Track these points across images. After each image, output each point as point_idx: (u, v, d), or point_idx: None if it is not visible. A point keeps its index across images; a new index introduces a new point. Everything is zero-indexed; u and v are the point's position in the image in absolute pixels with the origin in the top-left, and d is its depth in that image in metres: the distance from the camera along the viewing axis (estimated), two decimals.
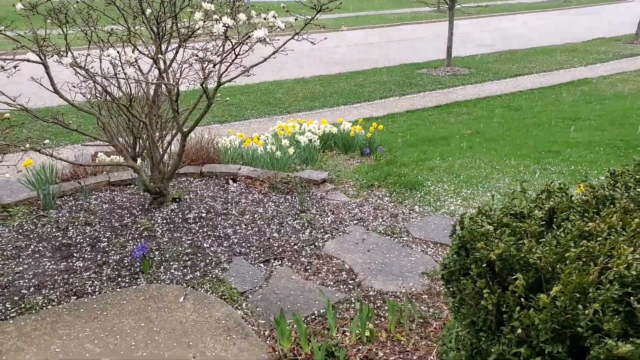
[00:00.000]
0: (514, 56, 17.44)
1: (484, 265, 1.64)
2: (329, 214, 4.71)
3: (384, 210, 4.81)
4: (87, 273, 3.79)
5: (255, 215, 4.69)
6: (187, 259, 3.96)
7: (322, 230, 4.38)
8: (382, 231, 4.37)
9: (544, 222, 1.82)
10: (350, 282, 3.64)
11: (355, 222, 4.56)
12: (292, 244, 4.17)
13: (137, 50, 4.29)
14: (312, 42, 4.17)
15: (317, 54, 16.65)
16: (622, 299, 1.49)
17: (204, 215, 4.70)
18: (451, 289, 1.78)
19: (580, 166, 5.97)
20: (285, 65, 14.84)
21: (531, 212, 1.80)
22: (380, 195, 5.17)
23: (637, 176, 2.09)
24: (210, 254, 4.03)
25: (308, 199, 5.02)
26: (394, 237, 4.27)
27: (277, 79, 14.13)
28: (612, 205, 1.90)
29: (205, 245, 4.17)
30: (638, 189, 1.99)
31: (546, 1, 37.64)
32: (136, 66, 4.47)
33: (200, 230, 4.41)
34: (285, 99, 12.18)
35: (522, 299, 1.57)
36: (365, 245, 4.12)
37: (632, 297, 1.47)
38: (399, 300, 3.40)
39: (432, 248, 4.10)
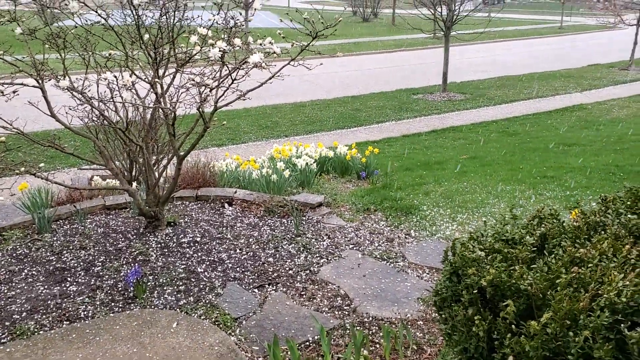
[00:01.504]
0: (509, 82, 17.61)
1: (475, 292, 1.64)
2: (325, 238, 4.70)
3: (380, 234, 4.81)
4: (81, 297, 3.77)
5: (251, 240, 4.68)
6: (181, 284, 3.94)
7: (317, 255, 4.37)
8: (378, 256, 4.36)
9: (535, 248, 1.82)
10: (345, 307, 3.62)
11: (351, 246, 4.55)
12: (287, 268, 4.16)
13: (135, 74, 4.33)
14: (307, 68, 4.22)
15: (315, 79, 16.79)
16: (612, 326, 1.49)
17: (198, 239, 4.69)
18: (443, 316, 1.78)
19: (575, 191, 5.99)
20: (284, 90, 14.95)
21: (523, 238, 1.81)
22: (377, 220, 5.17)
23: (628, 202, 2.10)
24: (205, 279, 4.01)
25: (304, 222, 5.01)
26: (389, 262, 4.26)
27: (276, 103, 14.23)
28: (603, 232, 1.90)
29: (199, 270, 4.15)
30: (629, 216, 2.00)
31: (542, 28, 38.17)
32: (133, 90, 4.51)
33: (195, 255, 4.40)
34: (283, 122, 12.26)
35: (513, 326, 1.56)
36: (361, 270, 4.11)
37: (622, 325, 1.47)
38: (394, 326, 3.38)
39: (427, 273, 4.09)
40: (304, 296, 3.76)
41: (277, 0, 43.13)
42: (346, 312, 3.55)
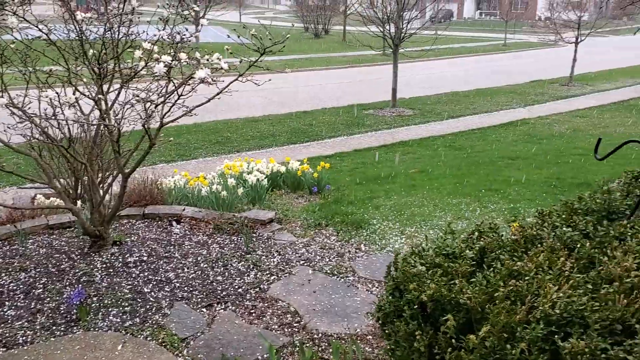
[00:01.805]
0: (456, 98, 18.09)
1: (416, 307, 1.66)
2: (275, 254, 4.68)
3: (330, 249, 4.82)
4: (19, 322, 3.61)
5: (199, 258, 4.61)
6: (126, 304, 3.83)
7: (267, 272, 4.34)
8: (329, 271, 4.37)
9: (474, 262, 1.87)
10: (295, 324, 3.60)
11: (301, 262, 4.55)
12: (237, 287, 4.11)
13: (78, 91, 4.22)
14: (256, 84, 4.22)
15: (269, 94, 16.80)
16: (547, 337, 1.54)
17: (145, 259, 4.58)
18: (387, 331, 1.79)
19: (519, 204, 6.19)
20: (236, 105, 14.88)
21: (462, 252, 1.85)
22: (327, 235, 5.18)
23: (563, 216, 2.19)
24: (151, 299, 3.92)
25: (254, 239, 4.98)
26: (339, 277, 4.27)
27: (228, 118, 14.14)
28: (539, 245, 1.97)
29: (145, 290, 4.05)
30: (564, 229, 2.08)
31: (487, 45, 39.44)
32: (77, 107, 4.39)
33: (141, 275, 4.29)
34: (234, 137, 12.19)
35: (454, 340, 1.59)
36: (311, 286, 4.10)
37: (556, 336, 1.52)
38: (343, 342, 3.38)
39: (377, 287, 4.13)
40: (254, 314, 3.72)
41: (230, 15, 43.10)
42: (296, 329, 3.53)
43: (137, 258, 4.58)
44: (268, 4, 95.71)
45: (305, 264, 4.50)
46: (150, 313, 3.71)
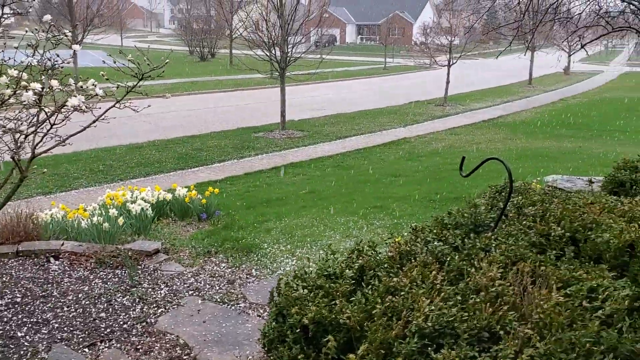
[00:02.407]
0: (342, 119, 18.67)
1: (298, 331, 1.69)
2: (162, 286, 4.52)
3: (220, 277, 4.75)
4: None
5: (80, 295, 4.34)
6: None
7: (154, 305, 4.18)
8: (219, 300, 4.30)
9: (354, 281, 1.94)
10: (184, 357, 3.50)
11: (190, 292, 4.44)
12: (122, 322, 3.92)
13: None
14: (134, 110, 4.09)
15: (153, 119, 16.30)
16: (422, 350, 1.63)
17: (19, 300, 4.23)
18: (272, 357, 1.81)
19: (402, 219, 6.49)
20: (119, 131, 14.27)
21: (343, 272, 1.92)
22: (217, 262, 5.11)
23: (435, 230, 2.34)
24: (26, 343, 3.63)
25: (140, 272, 4.78)
26: (230, 305, 4.22)
27: (110, 145, 13.51)
28: (413, 260, 2.09)
29: (19, 334, 3.74)
30: (435, 243, 2.22)
31: (368, 69, 41.25)
32: None
33: (14, 318, 3.96)
34: (117, 165, 11.66)
35: None
36: (201, 317, 4.01)
37: (429, 348, 1.62)
38: None
39: (268, 313, 4.12)
40: (140, 350, 3.57)
41: (112, 39, 41.55)
42: None
43: (9, 300, 4.22)
44: (151, 27, 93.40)
45: (194, 294, 4.40)
46: (24, 359, 3.43)
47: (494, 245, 2.26)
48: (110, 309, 4.11)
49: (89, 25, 22.40)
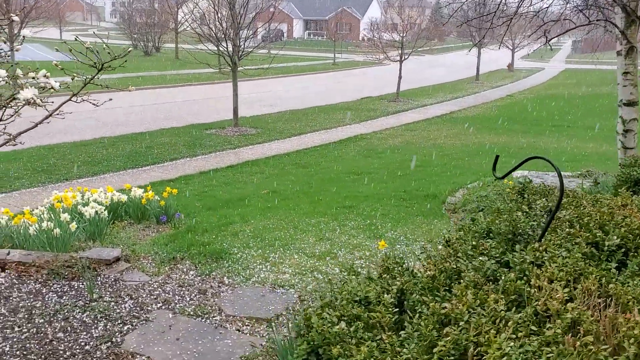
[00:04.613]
0: (295, 115, 18.33)
1: None
2: (127, 299, 4.09)
3: (190, 286, 4.36)
4: None
5: (33, 312, 3.85)
6: None
7: (119, 322, 3.75)
8: (192, 312, 3.91)
9: (396, 308, 1.64)
10: None
11: (159, 305, 4.03)
12: (83, 343, 3.48)
13: None
14: (94, 104, 3.65)
15: (98, 115, 15.48)
16: None
17: None
18: None
19: (375, 219, 6.25)
20: (62, 128, 13.45)
21: (379, 297, 1.62)
22: (185, 270, 4.70)
23: (473, 242, 2.07)
24: None
25: (99, 283, 4.33)
26: (204, 318, 3.84)
27: (52, 143, 12.71)
28: (458, 278, 1.81)
29: None
30: (480, 258, 1.96)
31: (318, 64, 41.01)
32: None
33: None
34: (62, 164, 10.93)
35: None
36: (174, 333, 3.62)
37: None
38: None
39: (247, 325, 3.77)
40: None
41: (50, 32, 39.64)
42: None
43: None
44: (91, 20, 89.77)
45: (163, 307, 3.99)
46: None
47: (546, 258, 2.00)
48: (69, 328, 3.65)
49: (26, 17, 21.12)
